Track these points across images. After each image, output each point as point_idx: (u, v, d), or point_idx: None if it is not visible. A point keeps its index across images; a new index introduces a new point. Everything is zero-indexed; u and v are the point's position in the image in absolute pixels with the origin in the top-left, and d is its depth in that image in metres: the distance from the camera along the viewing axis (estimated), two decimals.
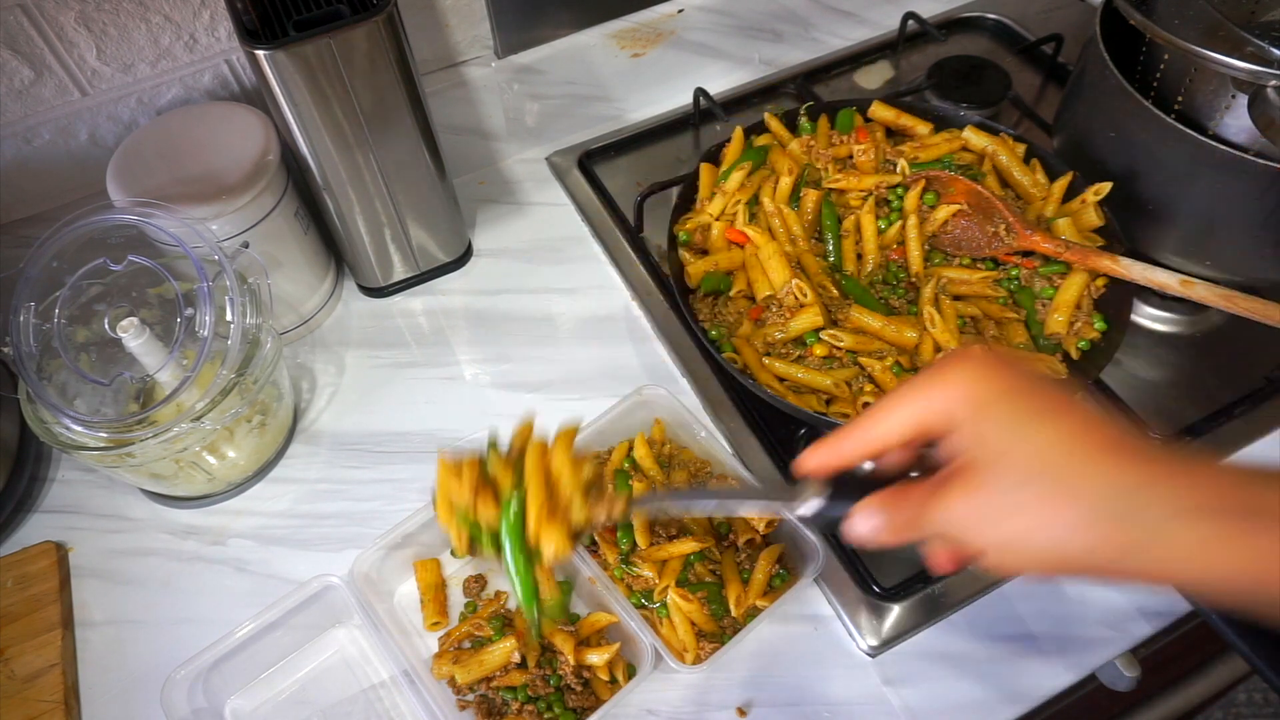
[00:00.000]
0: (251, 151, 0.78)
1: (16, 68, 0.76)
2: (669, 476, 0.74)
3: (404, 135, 0.80)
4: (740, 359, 0.73)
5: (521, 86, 0.99)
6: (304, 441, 0.83)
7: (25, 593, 0.73)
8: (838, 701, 0.67)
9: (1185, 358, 0.84)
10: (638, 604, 0.68)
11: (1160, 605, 0.70)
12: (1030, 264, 0.77)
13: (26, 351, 0.69)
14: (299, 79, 0.71)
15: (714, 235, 0.81)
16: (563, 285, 0.93)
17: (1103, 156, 0.81)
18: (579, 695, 0.65)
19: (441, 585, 0.72)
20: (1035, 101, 1.06)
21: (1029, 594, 0.71)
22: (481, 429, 0.82)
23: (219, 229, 0.76)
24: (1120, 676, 0.74)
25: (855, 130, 0.86)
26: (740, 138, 0.87)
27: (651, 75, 1.05)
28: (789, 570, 0.70)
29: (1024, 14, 1.14)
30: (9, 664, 0.70)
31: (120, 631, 0.73)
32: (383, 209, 0.84)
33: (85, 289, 0.73)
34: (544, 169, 1.04)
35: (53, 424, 0.70)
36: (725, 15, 1.05)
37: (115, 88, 0.81)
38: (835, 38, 1.13)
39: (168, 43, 0.80)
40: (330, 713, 0.68)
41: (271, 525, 0.78)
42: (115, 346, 0.72)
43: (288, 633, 0.70)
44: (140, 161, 0.78)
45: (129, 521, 0.79)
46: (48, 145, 0.82)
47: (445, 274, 0.94)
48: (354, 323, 0.92)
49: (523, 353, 0.88)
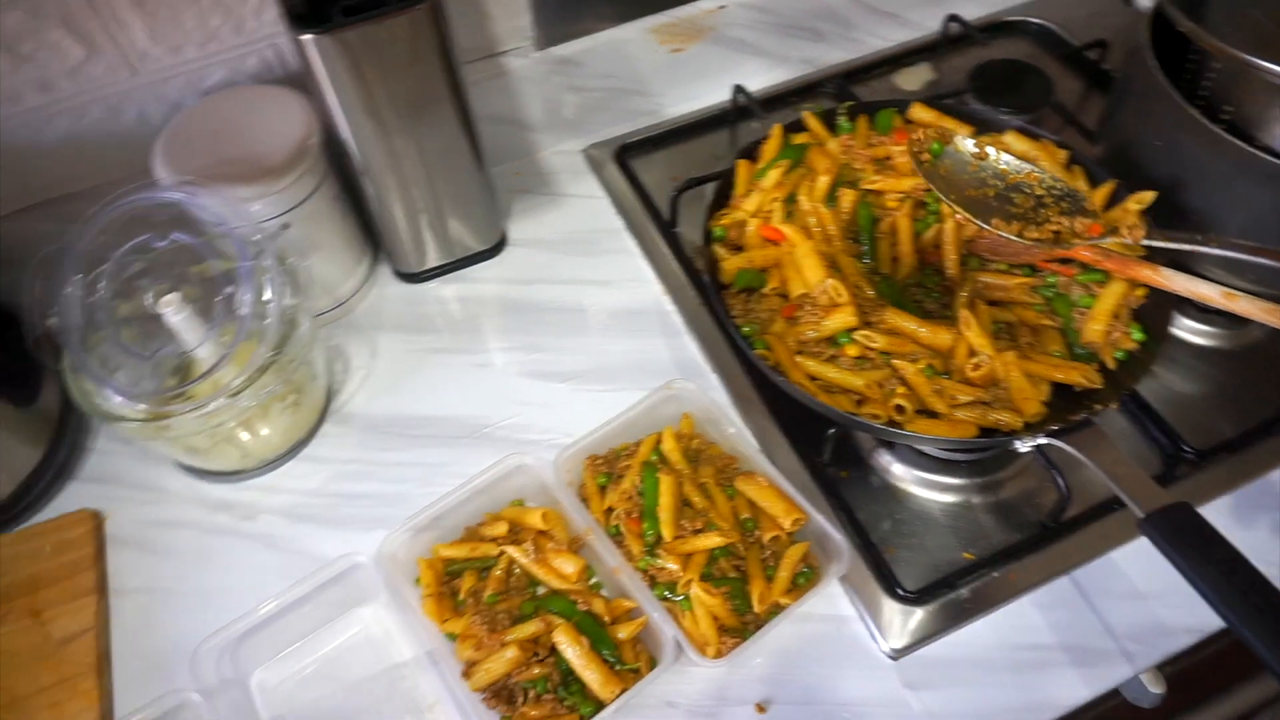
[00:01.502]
0: (294, 134, 0.79)
1: (70, 46, 0.78)
2: (696, 471, 0.74)
3: (444, 123, 0.80)
4: (772, 356, 0.73)
5: (560, 78, 1.00)
6: (336, 422, 0.84)
7: (62, 558, 0.75)
8: (857, 703, 0.67)
9: (1223, 372, 0.83)
10: (661, 596, 0.68)
11: (1191, 621, 0.69)
12: (1069, 271, 0.76)
13: (72, 323, 0.71)
14: (343, 64, 0.72)
15: (749, 232, 0.81)
16: (595, 277, 0.93)
17: (1147, 165, 0.80)
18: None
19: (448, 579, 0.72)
20: (1077, 108, 1.05)
21: (1055, 603, 0.71)
22: (511, 417, 0.83)
23: (260, 210, 0.77)
24: (1145, 693, 0.73)
25: (894, 131, 0.85)
26: (779, 135, 0.87)
27: (690, 71, 1.06)
28: (813, 569, 0.70)
29: (1069, 19, 1.13)
30: (45, 626, 0.71)
31: (152, 600, 0.75)
32: (420, 196, 0.85)
33: (129, 264, 0.74)
34: (580, 161, 1.04)
35: (94, 395, 0.72)
36: (766, 12, 1.05)
37: (164, 68, 0.83)
38: (876, 38, 1.12)
39: (216, 25, 0.82)
40: (353, 690, 0.69)
41: (302, 503, 0.79)
42: (156, 322, 0.73)
43: (314, 609, 0.71)
44: (186, 141, 0.79)
45: (164, 493, 0.81)
46: (97, 123, 0.84)
47: (479, 262, 0.95)
48: (388, 307, 0.93)
49: (553, 343, 0.88)
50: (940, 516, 0.75)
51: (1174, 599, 0.70)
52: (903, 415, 0.69)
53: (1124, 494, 0.62)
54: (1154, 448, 0.78)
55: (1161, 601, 0.70)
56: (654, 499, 0.70)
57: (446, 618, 0.69)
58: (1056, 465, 0.70)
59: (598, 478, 0.75)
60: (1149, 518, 0.61)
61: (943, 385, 0.69)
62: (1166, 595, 0.70)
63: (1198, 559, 0.58)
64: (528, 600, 0.70)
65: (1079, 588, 0.71)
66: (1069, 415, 0.68)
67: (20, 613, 0.72)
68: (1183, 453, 0.76)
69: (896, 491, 0.77)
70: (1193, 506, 0.61)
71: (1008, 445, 0.68)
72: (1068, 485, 0.70)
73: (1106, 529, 0.73)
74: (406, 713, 0.68)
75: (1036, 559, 0.72)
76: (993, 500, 0.76)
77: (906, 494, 0.77)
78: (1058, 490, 0.70)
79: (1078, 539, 0.73)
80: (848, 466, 0.78)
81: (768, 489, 0.71)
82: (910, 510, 0.76)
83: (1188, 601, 0.68)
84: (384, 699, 0.69)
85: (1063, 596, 0.71)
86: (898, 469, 0.78)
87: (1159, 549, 0.60)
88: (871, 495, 0.77)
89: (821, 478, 0.76)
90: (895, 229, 0.79)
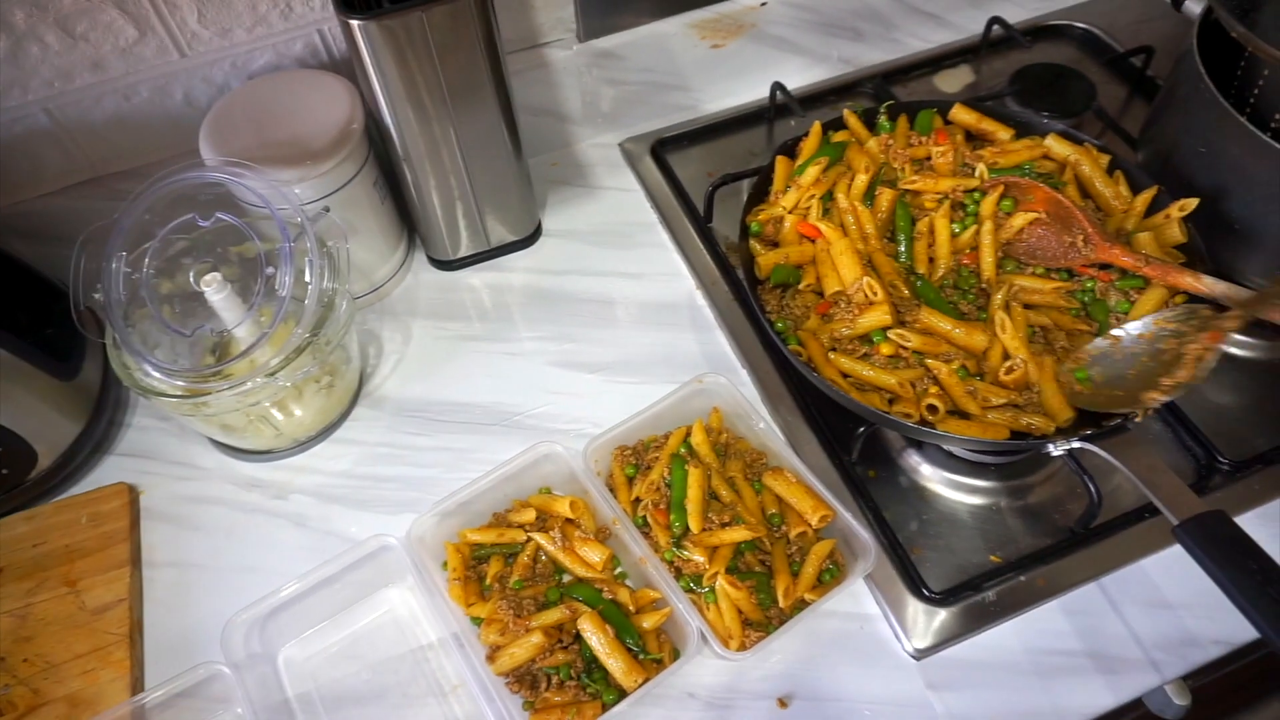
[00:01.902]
0: (337, 119, 0.80)
1: (123, 26, 0.79)
2: (724, 465, 0.74)
3: (485, 112, 0.81)
4: (805, 352, 0.73)
5: (600, 71, 1.00)
6: (368, 405, 0.85)
7: (98, 529, 0.77)
8: (880, 701, 0.67)
9: (1261, 384, 0.82)
10: (686, 588, 0.68)
11: (1219, 632, 0.68)
12: (1106, 276, 0.76)
13: (115, 299, 0.72)
14: (388, 50, 0.73)
15: (786, 228, 0.80)
16: (628, 270, 0.94)
17: (1190, 172, 0.79)
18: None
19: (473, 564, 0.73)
20: (1120, 114, 1.03)
21: (1081, 609, 0.70)
22: (540, 406, 0.84)
23: (301, 193, 0.78)
24: (1170, 704, 0.73)
25: (934, 132, 0.85)
26: (818, 132, 0.86)
27: (730, 67, 1.06)
28: (839, 566, 0.70)
29: (1114, 24, 1.11)
30: (80, 595, 0.73)
31: (184, 574, 0.76)
32: (458, 184, 0.86)
33: (173, 243, 0.75)
34: (616, 154, 1.04)
35: (135, 370, 0.73)
36: (807, 10, 1.04)
37: (212, 51, 0.84)
38: (916, 39, 1.12)
39: (265, 10, 0.83)
40: (378, 669, 0.70)
41: (332, 484, 0.80)
42: (197, 300, 0.75)
43: (342, 589, 0.72)
44: (231, 123, 0.80)
45: (198, 470, 0.82)
46: (145, 103, 0.85)
47: (514, 251, 0.96)
48: (422, 294, 0.94)
49: (584, 334, 0.89)
50: (968, 519, 0.75)
51: (1201, 609, 0.69)
52: (934, 415, 0.68)
53: (1158, 500, 0.62)
54: (1189, 458, 0.77)
55: (1189, 612, 0.69)
56: (682, 491, 0.71)
57: (472, 602, 0.70)
58: (1088, 471, 0.69)
59: (626, 468, 0.75)
60: (1183, 525, 0.60)
61: (975, 386, 0.69)
62: (1194, 605, 0.69)
63: (1232, 568, 0.57)
64: (553, 587, 0.70)
65: (1106, 594, 0.71)
66: (1103, 420, 0.67)
67: (57, 581, 0.74)
68: (1217, 463, 0.75)
69: (924, 492, 0.77)
70: (1227, 515, 0.60)
71: (1041, 449, 0.68)
72: (1099, 492, 0.69)
73: (1135, 537, 0.72)
74: (430, 694, 0.69)
75: (1064, 564, 0.71)
76: (1021, 504, 0.76)
77: (934, 495, 0.76)
78: (1089, 496, 0.69)
79: (1106, 546, 0.72)
80: (876, 465, 0.78)
81: (795, 485, 0.72)
82: (938, 511, 0.75)
83: (1216, 612, 0.68)
84: (408, 679, 0.69)
85: (1089, 603, 0.70)
86: (926, 470, 0.77)
87: (1193, 556, 0.59)
88: (899, 495, 0.76)
89: (850, 476, 0.76)
90: (933, 229, 0.79)
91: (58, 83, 0.81)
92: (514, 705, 0.64)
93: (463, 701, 0.68)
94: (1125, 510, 0.74)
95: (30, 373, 0.75)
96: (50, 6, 0.76)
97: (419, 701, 0.68)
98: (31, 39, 0.77)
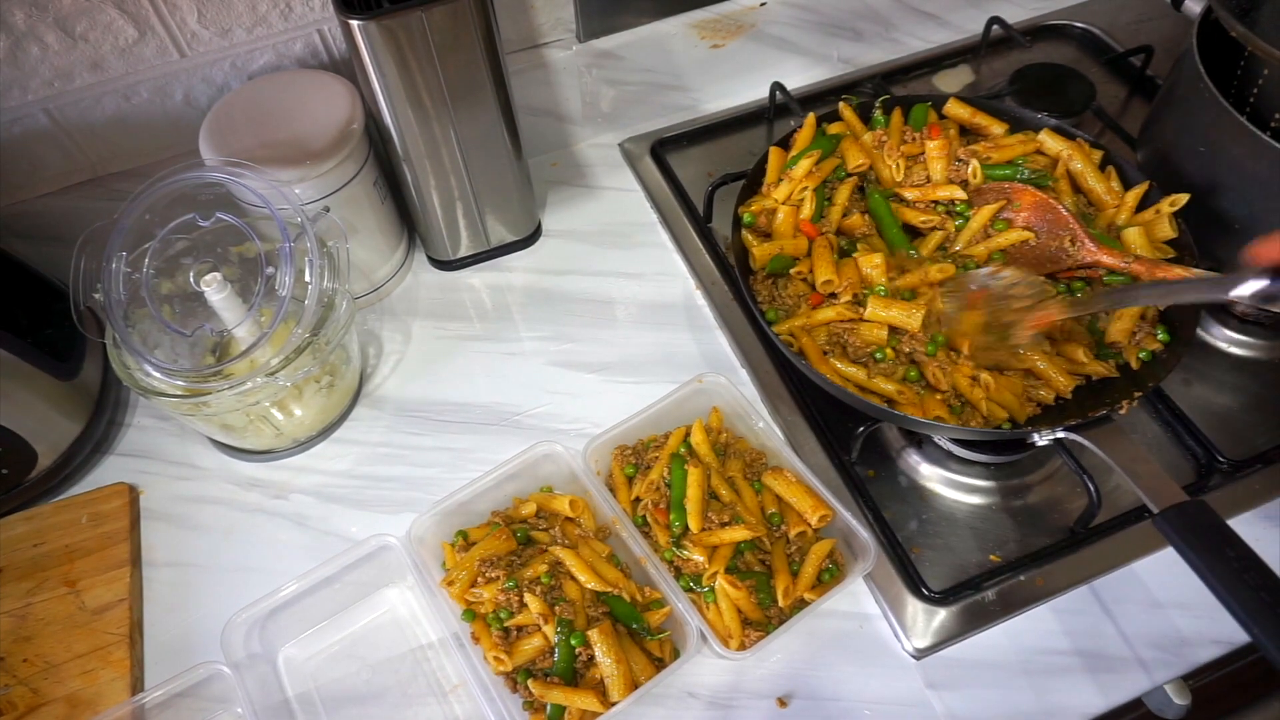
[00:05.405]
0: (337, 119, 0.80)
1: (122, 26, 0.79)
2: (724, 464, 0.74)
3: (485, 112, 0.81)
4: (796, 343, 0.73)
5: (600, 71, 1.00)
6: (368, 405, 0.85)
7: (98, 529, 0.77)
8: (879, 701, 0.67)
9: (1260, 383, 0.82)
10: (686, 587, 0.68)
11: (1214, 633, 0.68)
12: (1095, 273, 0.76)
13: (115, 299, 0.72)
14: (388, 50, 0.73)
15: (779, 220, 0.81)
16: (628, 270, 0.94)
17: (1189, 171, 0.79)
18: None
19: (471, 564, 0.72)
20: (1119, 114, 1.04)
21: (1081, 609, 0.70)
22: (540, 406, 0.84)
23: (301, 193, 0.78)
24: (1169, 704, 0.72)
25: (928, 126, 0.84)
26: (812, 124, 0.86)
27: (729, 67, 1.06)
28: (839, 566, 0.70)
29: (1113, 24, 1.12)
30: (80, 595, 0.73)
31: (184, 574, 0.76)
32: (458, 184, 0.86)
33: (173, 243, 0.75)
34: (616, 154, 1.05)
35: (135, 370, 0.73)
36: (807, 10, 1.04)
37: (212, 51, 0.84)
38: (916, 39, 1.12)
39: (264, 10, 0.83)
40: (378, 669, 0.70)
41: (332, 484, 0.80)
42: (197, 300, 0.75)
43: (342, 588, 0.72)
44: (231, 123, 0.80)
45: (197, 470, 0.82)
46: (145, 103, 0.85)
47: (514, 251, 0.96)
48: (422, 294, 0.94)
49: (584, 334, 0.89)
50: (967, 518, 0.75)
51: (1197, 610, 0.69)
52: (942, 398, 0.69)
53: (1139, 489, 0.62)
54: (1188, 457, 0.77)
55: (1188, 612, 0.69)
56: (681, 491, 0.71)
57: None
58: (1087, 470, 0.69)
59: (626, 468, 0.75)
60: (1163, 513, 0.60)
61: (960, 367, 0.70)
62: (1193, 605, 0.69)
63: (1211, 555, 0.58)
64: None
65: (1097, 596, 0.71)
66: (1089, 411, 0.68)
67: (57, 581, 0.74)
68: (1217, 463, 0.75)
69: (924, 492, 0.77)
70: (1208, 505, 0.60)
71: (1025, 437, 0.68)
72: (1098, 491, 0.69)
73: (1136, 537, 0.72)
74: (430, 693, 0.69)
75: (1064, 564, 0.72)
76: (1020, 504, 0.76)
77: (934, 494, 0.76)
78: (1088, 496, 0.69)
79: (1106, 546, 0.72)
80: (875, 465, 0.78)
81: (795, 485, 0.72)
82: (937, 511, 0.75)
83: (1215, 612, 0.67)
84: (408, 679, 0.69)
85: (1089, 603, 0.70)
86: (926, 469, 0.78)
87: (1172, 545, 0.60)
88: (899, 495, 0.76)
89: (849, 475, 0.76)
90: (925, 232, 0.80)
91: (57, 83, 0.81)
92: (514, 705, 0.64)
93: (463, 701, 0.68)
94: (1125, 510, 0.74)
95: (30, 373, 0.75)
96: (50, 6, 0.76)
97: (419, 701, 0.68)
98: (31, 39, 0.77)
